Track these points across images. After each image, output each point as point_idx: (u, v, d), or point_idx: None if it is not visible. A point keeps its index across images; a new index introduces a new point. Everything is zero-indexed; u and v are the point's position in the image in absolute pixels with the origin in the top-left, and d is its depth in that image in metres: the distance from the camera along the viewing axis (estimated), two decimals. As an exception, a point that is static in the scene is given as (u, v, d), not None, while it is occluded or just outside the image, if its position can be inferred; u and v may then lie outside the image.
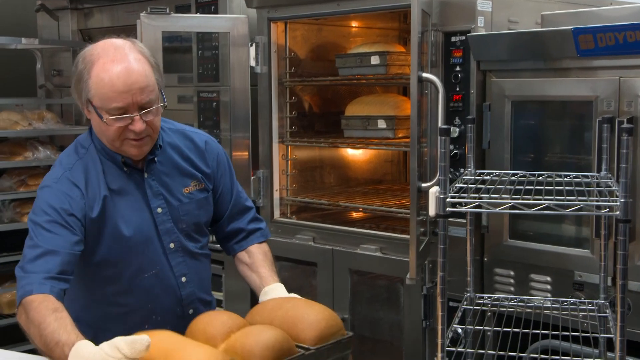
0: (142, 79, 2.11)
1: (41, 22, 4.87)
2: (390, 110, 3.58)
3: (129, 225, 2.24)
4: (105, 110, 2.10)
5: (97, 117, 2.14)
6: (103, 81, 2.08)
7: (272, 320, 2.06)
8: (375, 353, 3.48)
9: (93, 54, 2.13)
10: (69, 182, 2.19)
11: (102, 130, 2.17)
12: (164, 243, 2.30)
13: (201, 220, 2.40)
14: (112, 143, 2.19)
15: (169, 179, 2.32)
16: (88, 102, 2.14)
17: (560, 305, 2.62)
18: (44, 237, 2.12)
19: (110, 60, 2.10)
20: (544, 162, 2.95)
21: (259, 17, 3.67)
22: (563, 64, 2.84)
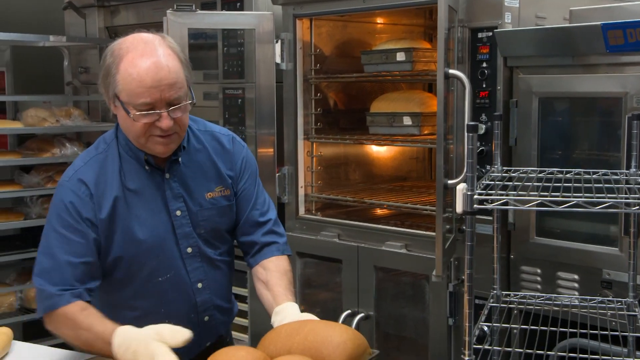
0: (171, 75, 2.06)
1: (68, 20, 4.90)
2: (416, 107, 3.56)
3: (143, 227, 2.19)
4: (133, 105, 2.05)
5: (123, 113, 2.09)
6: (131, 76, 2.03)
7: (290, 348, 1.88)
8: (400, 350, 3.47)
9: (122, 48, 2.08)
10: (79, 181, 2.16)
11: (128, 126, 2.12)
12: (180, 247, 2.25)
13: (222, 227, 2.34)
14: (137, 139, 2.13)
15: (192, 182, 2.26)
16: (115, 97, 2.09)
17: (588, 303, 2.59)
18: (58, 245, 2.13)
19: (139, 54, 2.05)
20: (572, 159, 2.92)
21: (285, 14, 3.66)
22: (591, 60, 2.80)
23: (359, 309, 3.46)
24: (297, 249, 3.69)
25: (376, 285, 3.44)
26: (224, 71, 3.96)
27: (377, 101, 3.76)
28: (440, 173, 2.88)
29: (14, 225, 4.20)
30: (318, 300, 3.82)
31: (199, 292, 2.29)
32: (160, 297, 2.25)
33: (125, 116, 2.09)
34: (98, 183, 2.16)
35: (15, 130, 4.34)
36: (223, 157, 2.33)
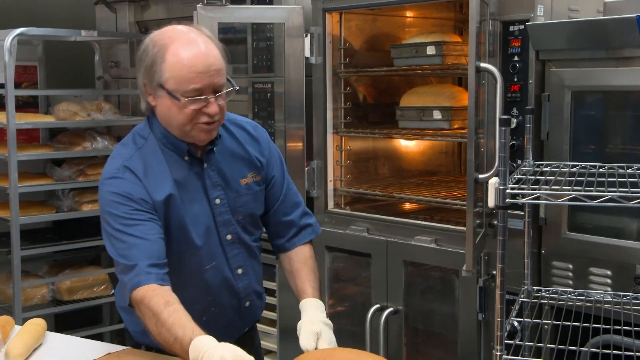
0: (218, 61, 2.12)
1: (99, 15, 4.94)
2: (446, 101, 3.54)
3: (192, 218, 2.21)
4: (181, 92, 2.08)
5: (169, 101, 2.11)
6: (181, 62, 2.07)
7: None
8: (429, 345, 3.46)
9: (164, 38, 2.12)
10: (129, 171, 2.16)
11: (174, 115, 2.13)
12: (221, 235, 2.28)
13: (256, 213, 2.38)
14: (182, 127, 2.14)
15: (227, 170, 2.29)
16: (159, 87, 2.11)
17: (621, 299, 2.56)
18: (130, 227, 2.10)
19: (185, 42, 2.09)
20: (605, 153, 2.89)
21: (314, 8, 3.66)
22: (626, 53, 2.76)
23: (387, 303, 3.45)
24: (326, 243, 3.69)
25: (405, 279, 3.42)
26: (254, 65, 3.96)
27: (407, 95, 3.75)
28: (471, 167, 2.86)
29: (46, 218, 4.25)
30: (347, 295, 3.82)
31: (240, 278, 2.34)
32: (205, 285, 2.28)
33: (171, 104, 2.12)
34: (147, 175, 2.17)
35: (47, 124, 4.39)
36: (252, 144, 2.38)
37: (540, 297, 2.64)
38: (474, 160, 2.88)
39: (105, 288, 4.43)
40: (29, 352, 2.23)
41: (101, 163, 4.34)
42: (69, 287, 4.31)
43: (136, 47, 4.69)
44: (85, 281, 4.35)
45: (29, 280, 4.19)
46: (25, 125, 4.14)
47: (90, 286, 4.36)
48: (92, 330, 4.44)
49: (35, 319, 2.38)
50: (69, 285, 4.31)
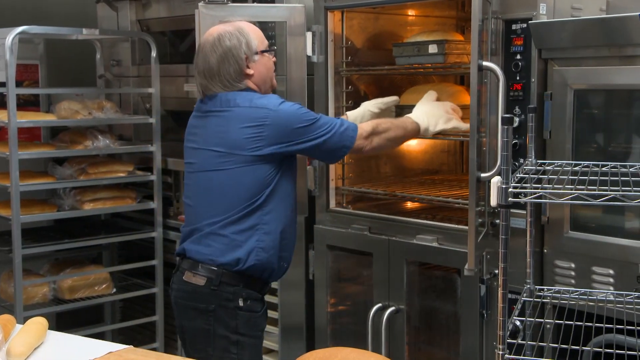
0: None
1: (101, 14, 4.94)
2: (447, 99, 3.53)
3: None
4: (265, 48, 2.92)
5: (265, 59, 2.92)
6: (255, 32, 2.90)
7: None
8: (431, 344, 3.46)
9: (231, 27, 2.87)
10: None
11: (269, 68, 2.94)
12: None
13: None
14: (271, 77, 2.97)
15: None
16: (255, 54, 2.86)
17: (623, 299, 2.57)
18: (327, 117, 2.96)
19: (240, 22, 2.95)
20: (608, 152, 2.88)
21: (316, 6, 3.65)
22: (629, 52, 2.76)
23: (389, 302, 3.45)
24: (327, 242, 3.69)
25: (407, 278, 3.42)
26: (256, 64, 3.96)
27: (408, 93, 3.74)
28: (474, 166, 2.86)
29: (48, 217, 4.24)
30: (348, 294, 3.82)
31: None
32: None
33: (266, 61, 2.93)
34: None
35: (48, 123, 4.37)
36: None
37: (543, 296, 2.64)
38: (476, 159, 2.87)
39: (107, 287, 4.42)
40: (31, 351, 2.23)
41: (103, 162, 4.35)
42: (70, 286, 4.30)
43: (138, 46, 4.73)
44: (87, 280, 4.34)
45: (31, 279, 4.19)
46: (26, 123, 4.14)
47: (91, 285, 4.36)
48: (94, 329, 4.44)
49: (37, 318, 2.38)
50: (70, 284, 4.30)
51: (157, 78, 4.37)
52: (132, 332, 4.66)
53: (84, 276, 4.34)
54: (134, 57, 4.79)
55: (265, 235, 2.80)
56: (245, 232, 2.77)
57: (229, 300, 2.76)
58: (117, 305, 4.92)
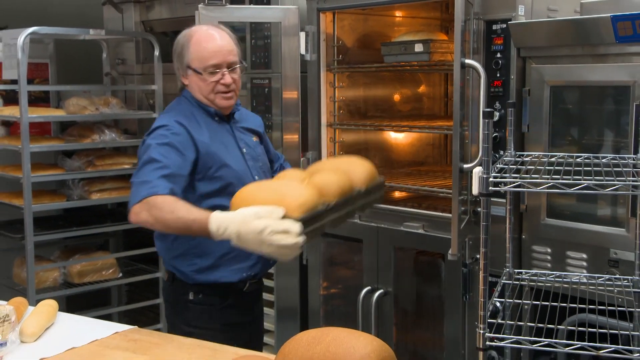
0: (229, 44, 2.61)
1: (107, 15, 4.92)
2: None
3: (231, 158, 2.60)
4: (203, 68, 2.56)
5: (196, 77, 2.59)
6: (201, 45, 2.57)
7: (310, 359, 1.68)
8: (417, 324, 3.47)
9: (190, 32, 2.62)
10: (175, 122, 2.53)
11: (200, 87, 2.60)
12: (252, 174, 2.65)
13: (267, 164, 2.83)
14: (207, 96, 2.60)
15: (243, 131, 2.75)
16: (187, 67, 2.59)
17: (596, 281, 2.58)
18: (162, 159, 2.41)
19: (205, 33, 2.61)
20: (582, 144, 2.89)
21: (309, 8, 3.64)
22: (601, 50, 2.76)
23: (378, 285, 3.46)
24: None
25: (395, 263, 3.43)
26: (252, 62, 3.95)
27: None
28: (457, 157, 2.86)
29: (57, 206, 4.24)
30: (340, 278, 3.83)
31: None
32: None
33: (198, 79, 2.59)
34: (190, 125, 2.55)
35: (58, 118, 4.37)
36: (254, 121, 2.88)
37: (521, 279, 2.65)
38: (459, 151, 2.88)
39: (114, 272, 4.42)
40: (42, 331, 2.23)
41: (109, 154, 4.34)
42: (79, 271, 4.30)
43: (142, 46, 4.72)
44: (95, 265, 4.35)
45: (42, 264, 4.18)
46: (37, 118, 4.13)
47: (99, 270, 4.36)
48: (101, 311, 4.44)
49: (48, 300, 2.38)
50: (79, 269, 4.30)
51: (160, 75, 4.37)
52: (137, 313, 4.66)
53: (91, 262, 4.34)
54: (138, 56, 4.78)
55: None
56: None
57: (181, 294, 2.63)
58: (123, 289, 4.92)
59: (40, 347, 2.14)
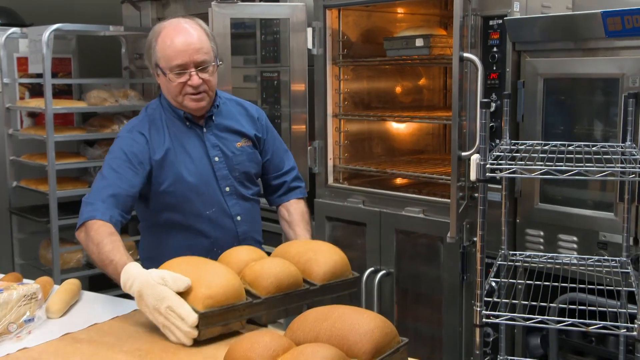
0: (197, 42, 2.26)
1: (125, 13, 4.91)
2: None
3: (190, 171, 2.34)
4: (169, 68, 2.25)
5: (163, 77, 2.29)
6: (165, 44, 2.25)
7: (317, 335, 1.65)
8: (417, 303, 3.47)
9: (159, 27, 2.31)
10: (137, 132, 2.33)
11: (168, 88, 2.32)
12: (220, 186, 2.40)
13: (251, 171, 2.50)
14: (175, 98, 2.32)
15: (225, 135, 2.43)
16: (156, 66, 2.30)
17: (585, 262, 2.57)
18: (112, 176, 2.24)
19: (173, 28, 2.28)
20: (573, 133, 2.88)
21: (316, 5, 3.63)
22: (592, 45, 2.75)
23: (381, 266, 3.46)
24: (326, 213, 3.69)
25: (396, 246, 3.43)
26: (262, 56, 3.95)
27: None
28: (455, 146, 2.86)
29: (79, 192, 4.23)
30: (345, 259, 3.82)
31: (239, 224, 2.45)
32: (208, 229, 2.40)
33: (165, 79, 2.30)
34: (151, 134, 2.34)
35: (80, 109, 4.38)
36: (247, 118, 2.52)
37: (515, 260, 2.65)
38: (458, 139, 2.87)
39: (132, 254, 4.43)
40: (66, 308, 2.24)
41: (128, 143, 4.34)
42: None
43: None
44: (115, 247, 4.36)
45: (66, 246, 4.20)
46: (61, 110, 4.14)
47: (119, 252, 4.37)
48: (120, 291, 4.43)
49: (72, 280, 2.39)
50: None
51: (176, 69, 4.36)
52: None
53: (112, 244, 4.35)
54: (154, 51, 4.77)
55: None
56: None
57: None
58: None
59: (65, 322, 2.14)
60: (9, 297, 2.00)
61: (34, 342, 1.98)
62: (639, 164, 2.07)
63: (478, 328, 2.24)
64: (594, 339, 2.91)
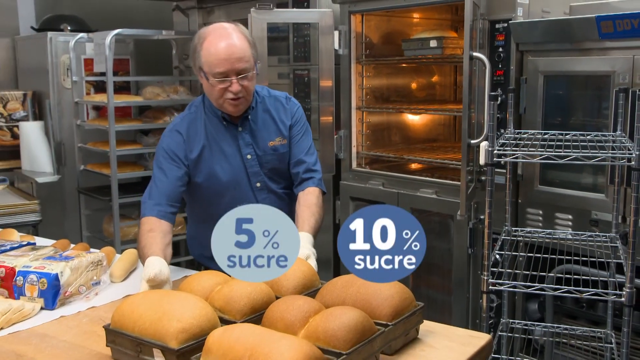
0: (239, 51, 2.12)
1: (176, 19, 4.92)
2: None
3: (223, 168, 2.26)
4: (212, 74, 2.13)
5: (205, 80, 2.17)
6: (209, 51, 2.12)
7: (344, 299, 1.66)
8: (430, 273, 3.47)
9: (204, 32, 2.17)
10: (175, 131, 2.27)
11: (209, 91, 2.20)
12: (251, 182, 2.31)
13: (281, 168, 2.37)
14: (216, 101, 2.21)
15: (258, 134, 2.31)
16: (200, 69, 2.17)
17: (579, 237, 2.55)
18: (158, 174, 2.23)
19: (217, 36, 2.13)
20: (570, 124, 2.85)
21: (342, 11, 3.61)
22: (586, 45, 2.71)
23: (398, 240, 3.45)
24: (350, 194, 3.69)
25: (412, 222, 3.41)
26: (294, 56, 3.94)
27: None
28: (465, 135, 2.84)
29: (137, 175, 4.29)
30: (366, 234, 3.82)
31: None
32: None
33: (207, 83, 2.18)
34: (189, 132, 2.26)
35: (137, 103, 4.41)
36: (283, 111, 2.37)
37: (517, 236, 2.63)
38: (467, 129, 2.85)
39: (182, 228, 4.46)
40: (127, 274, 2.27)
41: (178, 132, 4.36)
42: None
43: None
44: (167, 222, 4.40)
45: (125, 221, 4.25)
46: (120, 103, 4.17)
47: (170, 226, 4.41)
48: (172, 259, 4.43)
49: (131, 250, 2.42)
50: (154, 226, 4.35)
51: (219, 68, 4.36)
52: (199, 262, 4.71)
53: (165, 220, 4.39)
54: (201, 52, 4.78)
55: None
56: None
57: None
58: (189, 242, 4.98)
59: (126, 286, 2.18)
60: (79, 264, 2.03)
61: (100, 302, 2.01)
62: (628, 151, 2.04)
63: (485, 294, 2.24)
64: (585, 305, 2.89)
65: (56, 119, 4.45)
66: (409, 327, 1.64)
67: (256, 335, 1.39)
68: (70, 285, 1.98)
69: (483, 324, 2.30)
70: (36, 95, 4.61)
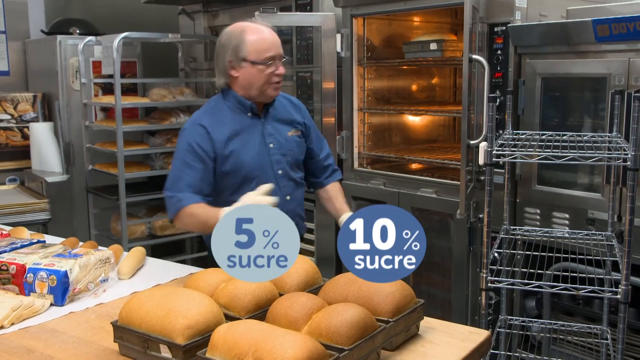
0: (277, 38, 2.29)
1: (182, 22, 4.93)
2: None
3: (250, 155, 2.31)
4: (261, 59, 2.23)
5: (253, 69, 2.24)
6: (257, 39, 2.23)
7: (346, 296, 1.66)
8: (430, 271, 3.46)
9: (240, 27, 2.28)
10: (197, 124, 2.28)
11: (254, 79, 2.26)
12: (274, 169, 2.37)
13: (299, 158, 2.47)
14: (261, 88, 2.27)
15: (279, 125, 2.40)
16: (243, 60, 2.24)
17: (576, 236, 2.55)
18: (184, 168, 2.24)
19: (255, 28, 2.27)
20: (567, 125, 2.85)
21: (344, 14, 3.61)
22: (583, 48, 2.71)
23: (398, 238, 3.44)
24: (352, 193, 3.69)
25: (412, 221, 3.41)
26: (297, 59, 3.94)
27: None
28: (465, 135, 2.84)
29: (143, 174, 4.29)
30: (368, 232, 3.81)
31: (288, 203, 2.41)
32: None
33: (254, 70, 2.25)
34: (212, 126, 2.28)
35: (143, 104, 4.40)
36: (294, 108, 2.49)
37: (515, 234, 2.63)
38: (466, 130, 2.85)
39: (188, 226, 4.48)
40: (134, 271, 2.28)
41: (184, 133, 4.36)
42: (161, 225, 4.36)
43: (209, 47, 4.73)
44: (173, 221, 4.40)
45: (132, 220, 4.25)
46: (128, 105, 4.17)
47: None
48: (178, 257, 4.50)
49: (138, 247, 2.42)
50: (161, 224, 4.36)
51: (224, 70, 4.36)
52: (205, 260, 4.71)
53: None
54: (206, 54, 4.79)
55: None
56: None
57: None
58: (195, 240, 4.98)
59: (133, 283, 2.18)
60: (88, 261, 2.04)
61: (108, 298, 2.02)
62: (623, 152, 2.04)
63: (484, 291, 2.24)
64: (581, 302, 2.89)
65: (65, 120, 4.46)
66: (409, 324, 1.65)
67: (260, 331, 1.39)
68: (79, 282, 1.99)
69: (482, 320, 2.31)
70: (46, 96, 4.62)
